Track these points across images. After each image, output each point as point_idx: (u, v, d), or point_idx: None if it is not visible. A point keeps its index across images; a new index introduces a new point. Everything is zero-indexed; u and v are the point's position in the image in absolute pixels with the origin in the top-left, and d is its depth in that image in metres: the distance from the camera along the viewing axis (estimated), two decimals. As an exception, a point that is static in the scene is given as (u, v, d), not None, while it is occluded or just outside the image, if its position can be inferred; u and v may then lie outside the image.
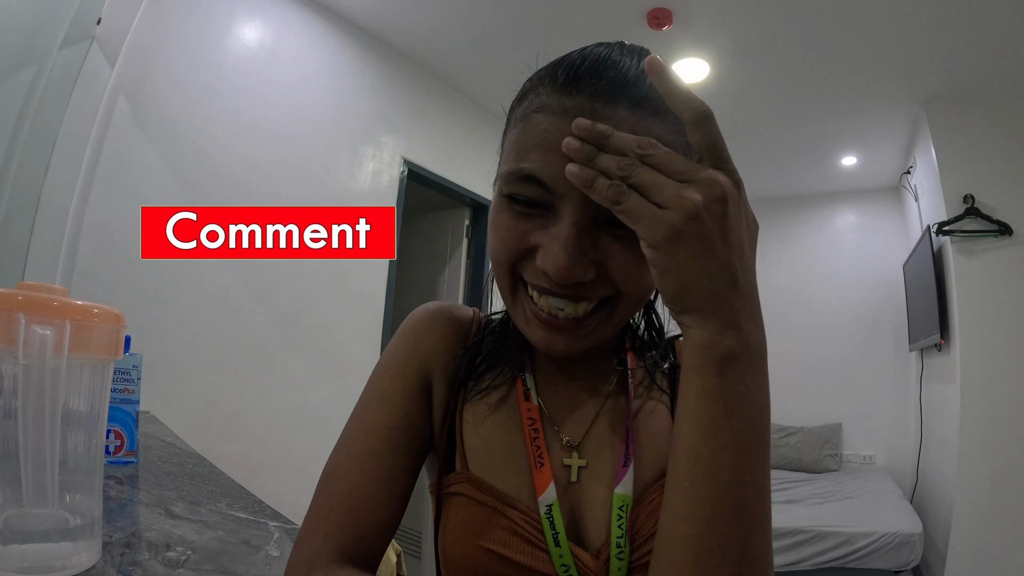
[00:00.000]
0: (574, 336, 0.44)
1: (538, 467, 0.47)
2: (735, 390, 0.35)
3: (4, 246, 1.54)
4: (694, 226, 0.33)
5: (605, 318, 0.44)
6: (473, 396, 0.51)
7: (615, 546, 0.44)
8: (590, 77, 0.40)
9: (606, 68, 0.41)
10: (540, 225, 0.42)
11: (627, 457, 0.47)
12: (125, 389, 1.02)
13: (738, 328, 0.35)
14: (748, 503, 0.35)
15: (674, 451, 0.37)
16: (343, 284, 2.55)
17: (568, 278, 0.39)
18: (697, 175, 0.34)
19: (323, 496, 0.46)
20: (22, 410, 0.45)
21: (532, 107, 0.43)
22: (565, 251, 0.39)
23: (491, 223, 0.45)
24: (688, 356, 0.36)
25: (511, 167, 0.42)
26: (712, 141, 0.35)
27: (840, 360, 4.09)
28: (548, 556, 0.44)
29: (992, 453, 2.60)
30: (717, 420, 0.35)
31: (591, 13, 2.43)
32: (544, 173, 0.40)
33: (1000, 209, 2.71)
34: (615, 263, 0.41)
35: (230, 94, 2.18)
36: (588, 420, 0.50)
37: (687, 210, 0.33)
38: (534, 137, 0.41)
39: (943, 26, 2.35)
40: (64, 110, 1.61)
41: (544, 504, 0.45)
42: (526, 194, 0.41)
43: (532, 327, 0.44)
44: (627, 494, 0.45)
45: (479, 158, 3.31)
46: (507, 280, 0.45)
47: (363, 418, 0.49)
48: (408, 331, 0.53)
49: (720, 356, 0.35)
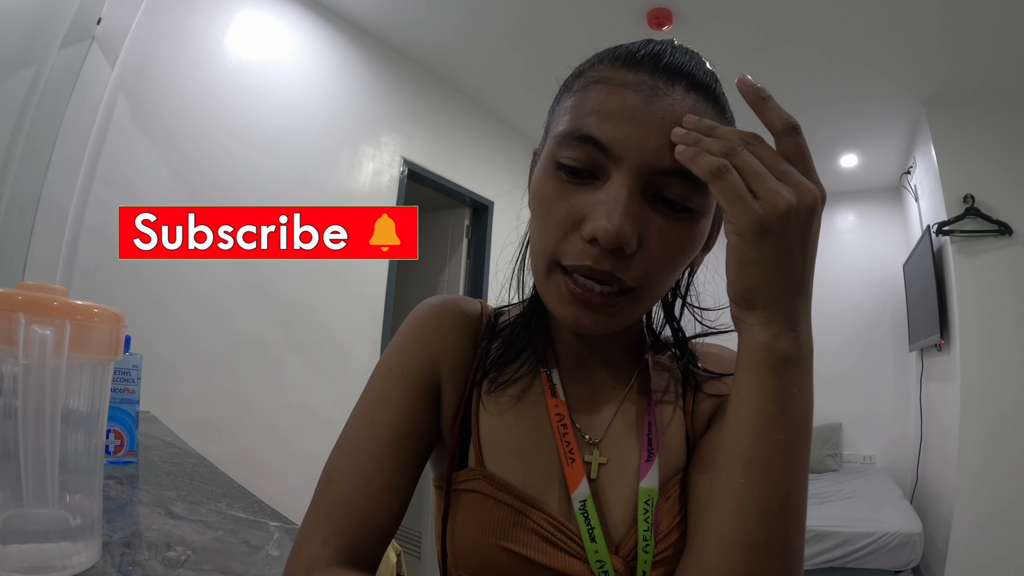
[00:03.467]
0: (605, 314, 0.43)
1: (569, 463, 0.46)
2: (788, 391, 0.36)
3: (4, 246, 1.54)
4: (782, 225, 0.34)
5: (633, 300, 0.44)
6: (493, 389, 0.50)
7: (641, 540, 0.44)
8: (651, 59, 0.42)
9: (665, 55, 0.42)
10: (588, 195, 0.41)
11: (651, 451, 0.47)
12: (125, 389, 1.01)
13: (797, 331, 0.36)
14: (793, 500, 0.37)
15: (728, 449, 0.38)
16: (343, 284, 2.55)
17: (617, 240, 0.39)
18: (794, 178, 0.35)
19: (323, 497, 0.46)
20: (22, 410, 0.45)
21: (590, 79, 0.43)
22: (617, 212, 0.39)
23: (535, 199, 0.45)
24: (746, 354, 0.37)
25: (568, 129, 0.42)
26: (801, 151, 0.36)
27: (840, 360, 4.09)
28: (570, 557, 0.44)
29: (992, 453, 2.60)
30: (773, 419, 0.36)
31: (591, 13, 2.43)
32: (604, 135, 0.40)
33: (1000, 209, 2.71)
34: (654, 241, 0.41)
35: (230, 94, 2.18)
36: (607, 417, 0.50)
37: (779, 207, 0.34)
38: (593, 103, 0.41)
39: (943, 26, 2.35)
40: (64, 110, 1.61)
41: (578, 500, 0.45)
42: (579, 156, 0.41)
43: (565, 304, 0.43)
44: (653, 488, 0.46)
45: (479, 158, 3.31)
46: (544, 261, 0.44)
47: (365, 418, 0.48)
48: (415, 328, 0.51)
49: (779, 357, 0.36)
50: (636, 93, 0.40)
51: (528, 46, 2.70)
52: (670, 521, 0.45)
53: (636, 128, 0.39)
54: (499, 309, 0.55)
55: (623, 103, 0.40)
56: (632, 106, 0.40)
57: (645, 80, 0.40)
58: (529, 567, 0.44)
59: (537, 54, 2.73)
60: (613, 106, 0.40)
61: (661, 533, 0.45)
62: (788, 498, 0.36)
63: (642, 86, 0.40)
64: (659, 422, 0.50)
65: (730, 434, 0.38)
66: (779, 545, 0.36)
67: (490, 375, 0.50)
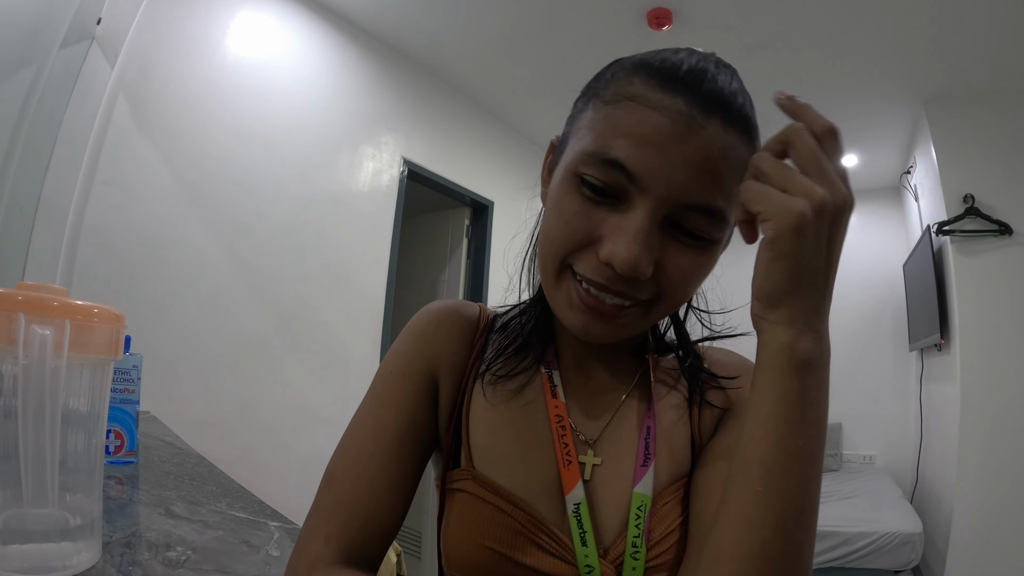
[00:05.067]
0: (614, 324, 0.43)
1: (566, 465, 0.46)
2: (809, 395, 0.36)
3: (4, 246, 1.54)
4: (817, 220, 0.34)
5: (644, 311, 0.44)
6: (494, 381, 0.50)
7: (631, 546, 0.44)
8: (690, 82, 0.39)
9: (705, 78, 0.40)
10: (607, 215, 0.41)
11: (647, 456, 0.47)
12: (125, 389, 1.01)
13: (818, 332, 0.36)
14: (808, 510, 0.36)
15: (745, 455, 0.37)
16: (343, 284, 2.55)
17: (632, 270, 0.39)
18: (829, 178, 0.35)
19: (325, 497, 0.46)
20: (22, 410, 0.45)
21: (624, 93, 0.41)
22: (637, 242, 0.39)
23: (553, 207, 0.44)
24: (767, 355, 0.37)
25: (595, 148, 0.40)
26: (837, 155, 0.36)
27: (840, 360, 4.00)
28: (555, 559, 0.44)
29: (992, 453, 2.60)
30: (793, 425, 0.35)
31: (591, 13, 2.43)
32: (632, 163, 0.39)
33: (1000, 209, 2.71)
34: (671, 266, 0.41)
35: (230, 94, 2.18)
36: (605, 418, 0.50)
37: (816, 202, 0.34)
38: (626, 124, 0.40)
39: (943, 26, 2.35)
40: (64, 110, 1.61)
41: (572, 503, 0.45)
42: (604, 179, 0.40)
43: (575, 311, 0.43)
44: (647, 494, 0.45)
45: (479, 158, 3.31)
46: (554, 265, 0.43)
47: (367, 420, 0.49)
48: (414, 331, 0.52)
49: (800, 358, 0.36)
50: (671, 123, 0.39)
51: (528, 46, 2.70)
52: (665, 527, 0.45)
53: (667, 161, 0.38)
54: (499, 312, 0.56)
55: (656, 131, 0.38)
56: (666, 136, 0.38)
57: (682, 108, 0.39)
58: (514, 568, 0.44)
59: (537, 54, 2.73)
60: (645, 132, 0.39)
61: (653, 540, 0.44)
62: (804, 508, 0.35)
63: (678, 115, 0.38)
64: (661, 427, 0.49)
65: (748, 439, 0.37)
66: (794, 557, 0.35)
67: (493, 368, 0.50)
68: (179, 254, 2.00)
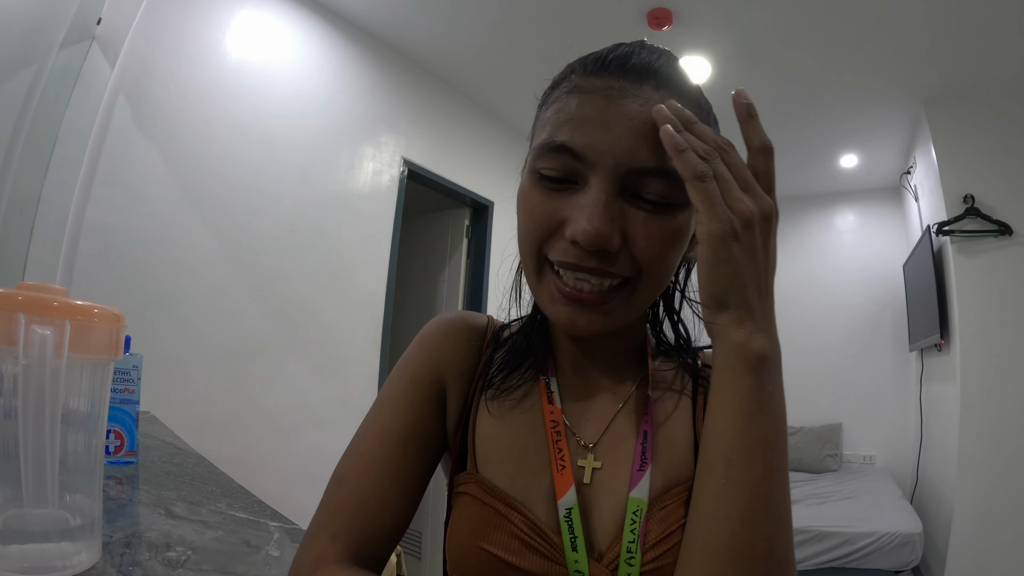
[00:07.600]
0: (599, 312, 0.44)
1: (559, 469, 0.47)
2: (765, 390, 0.38)
3: (4, 246, 1.54)
4: (747, 231, 0.37)
5: (628, 296, 0.44)
6: (496, 395, 0.51)
7: (625, 551, 0.44)
8: (618, 63, 0.43)
9: (632, 56, 0.43)
10: (568, 199, 0.43)
11: (643, 461, 0.47)
12: (125, 389, 1.01)
13: (767, 331, 0.39)
14: (776, 502, 0.37)
15: (708, 452, 0.38)
16: (343, 284, 2.55)
17: (596, 242, 0.40)
18: (756, 191, 0.39)
19: (333, 497, 0.47)
20: (22, 410, 0.45)
21: (563, 90, 0.45)
22: (596, 214, 0.40)
23: (520, 204, 0.47)
24: (722, 355, 0.39)
25: (544, 140, 0.43)
26: (768, 171, 0.40)
27: (840, 360, 4.09)
28: (549, 562, 0.44)
29: (992, 453, 2.60)
30: (751, 418, 0.37)
31: (591, 13, 2.43)
32: (576, 142, 0.41)
33: (1000, 209, 2.72)
34: (639, 235, 0.42)
35: (230, 94, 2.18)
36: (605, 422, 0.50)
37: (745, 215, 0.37)
38: (566, 113, 0.43)
39: (943, 26, 2.35)
40: (64, 110, 1.61)
41: (564, 508, 0.45)
42: (556, 166, 0.43)
43: (557, 305, 0.45)
44: (642, 499, 0.45)
45: (479, 158, 3.31)
46: (533, 261, 0.45)
47: (375, 423, 0.50)
48: (424, 340, 0.54)
49: (754, 356, 0.38)
50: (605, 98, 0.42)
51: (528, 46, 2.70)
52: (662, 531, 0.44)
53: (607, 132, 0.41)
54: (505, 323, 0.57)
55: (593, 109, 0.42)
56: (602, 111, 0.41)
57: (613, 84, 0.42)
58: (507, 570, 0.44)
59: (537, 54, 2.73)
60: (584, 113, 0.42)
61: (649, 544, 0.44)
62: (771, 500, 0.36)
63: (610, 90, 0.42)
64: (661, 430, 0.49)
65: (709, 434, 0.39)
66: (764, 550, 0.36)
67: (494, 382, 0.51)
68: (179, 254, 2.00)
